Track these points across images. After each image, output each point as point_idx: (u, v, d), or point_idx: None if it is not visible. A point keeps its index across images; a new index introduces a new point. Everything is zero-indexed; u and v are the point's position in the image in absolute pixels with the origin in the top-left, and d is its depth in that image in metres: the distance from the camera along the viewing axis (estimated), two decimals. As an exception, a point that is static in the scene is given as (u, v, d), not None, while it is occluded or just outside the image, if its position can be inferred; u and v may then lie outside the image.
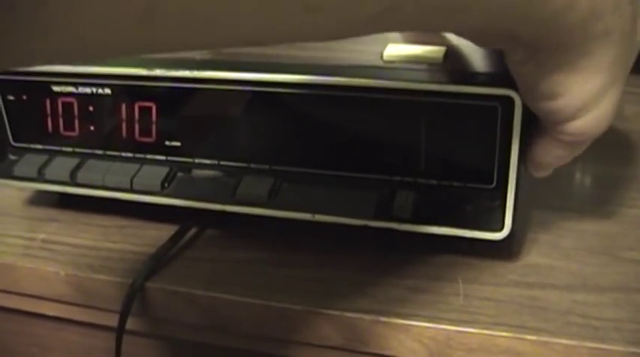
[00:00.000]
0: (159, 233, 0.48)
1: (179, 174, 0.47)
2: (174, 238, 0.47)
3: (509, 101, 0.39)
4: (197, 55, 0.46)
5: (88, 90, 0.46)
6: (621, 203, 0.50)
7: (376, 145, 0.43)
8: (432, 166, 0.43)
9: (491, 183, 0.42)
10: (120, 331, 0.45)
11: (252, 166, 0.46)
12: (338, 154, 0.44)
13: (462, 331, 0.40)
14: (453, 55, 0.43)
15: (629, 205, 0.50)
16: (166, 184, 0.47)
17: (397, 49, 0.43)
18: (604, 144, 0.57)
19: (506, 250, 0.45)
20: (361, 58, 0.43)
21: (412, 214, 0.43)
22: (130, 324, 0.45)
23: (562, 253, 0.45)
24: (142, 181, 0.47)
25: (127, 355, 0.46)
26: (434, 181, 0.43)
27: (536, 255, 0.45)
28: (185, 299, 0.44)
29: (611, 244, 0.46)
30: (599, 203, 0.50)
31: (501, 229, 0.42)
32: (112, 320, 0.45)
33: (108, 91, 0.46)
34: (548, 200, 0.51)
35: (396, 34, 0.46)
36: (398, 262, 0.45)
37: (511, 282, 0.43)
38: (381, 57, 0.42)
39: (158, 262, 0.45)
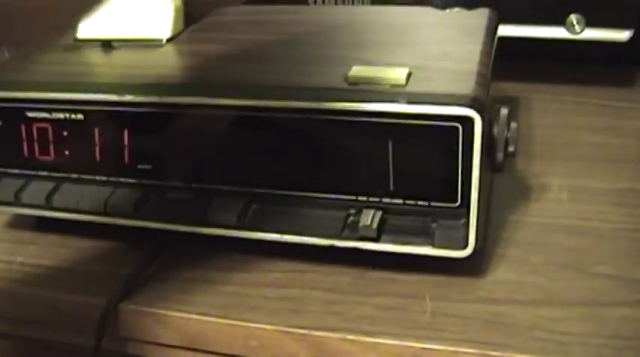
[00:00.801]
0: (133, 254, 0.48)
1: (151, 197, 0.48)
2: (147, 259, 0.48)
3: (470, 121, 0.40)
4: (165, 80, 0.47)
5: (61, 115, 0.47)
6: (591, 218, 0.51)
7: (342, 165, 0.44)
8: (397, 185, 0.43)
9: (455, 202, 0.42)
10: (95, 351, 0.45)
11: (223, 188, 0.46)
12: (305, 176, 0.45)
13: (428, 348, 0.41)
14: (414, 76, 0.43)
15: (600, 219, 0.50)
16: (139, 207, 0.48)
17: (361, 70, 0.43)
18: (575, 157, 0.59)
19: (474, 267, 0.46)
20: (326, 81, 0.44)
21: (378, 234, 0.43)
22: (106, 344, 0.46)
23: (530, 269, 0.46)
24: (115, 204, 0.48)
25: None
26: (399, 201, 0.44)
27: (505, 270, 0.46)
28: (158, 320, 0.45)
29: (580, 258, 0.47)
30: (570, 217, 0.51)
31: (466, 247, 0.43)
32: (88, 340, 0.46)
33: (80, 116, 0.47)
34: (518, 215, 0.51)
35: (363, 55, 0.47)
36: (367, 280, 0.46)
37: (478, 298, 0.44)
38: (345, 79, 0.43)
39: (132, 282, 0.46)
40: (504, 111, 0.44)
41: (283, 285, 0.46)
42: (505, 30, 0.62)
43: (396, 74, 0.42)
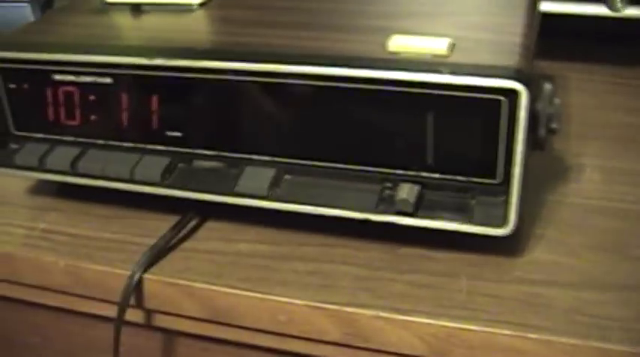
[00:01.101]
0: (159, 224, 0.47)
1: (180, 165, 0.47)
2: (174, 230, 0.46)
3: (514, 94, 0.38)
4: (198, 44, 0.45)
5: (88, 79, 0.46)
6: (628, 200, 0.49)
7: (379, 137, 0.42)
8: (436, 159, 0.42)
9: (496, 178, 0.41)
10: (119, 322, 0.44)
11: (254, 157, 0.45)
12: (340, 147, 0.43)
13: (462, 327, 0.40)
14: (457, 47, 0.42)
15: (637, 201, 0.49)
16: (167, 175, 0.46)
17: (401, 40, 0.42)
18: (612, 138, 0.57)
19: (511, 246, 0.44)
20: (365, 49, 0.42)
21: (415, 208, 0.42)
22: (129, 315, 0.45)
23: (568, 250, 0.45)
24: (142, 172, 0.46)
25: (127, 345, 0.45)
26: (437, 175, 0.42)
27: (542, 251, 0.45)
28: (184, 291, 0.44)
29: (618, 241, 0.45)
30: (608, 199, 0.49)
31: (505, 225, 0.41)
32: (112, 311, 0.45)
33: (109, 80, 0.46)
34: (556, 195, 0.50)
35: (401, 25, 0.46)
36: (400, 257, 0.44)
37: (515, 279, 0.43)
38: (385, 48, 0.42)
39: (157, 253, 0.45)
40: (548, 86, 0.42)
41: (314, 259, 0.45)
42: (546, 6, 0.61)
43: (439, 44, 0.41)
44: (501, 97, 0.39)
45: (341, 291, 0.42)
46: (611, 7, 0.62)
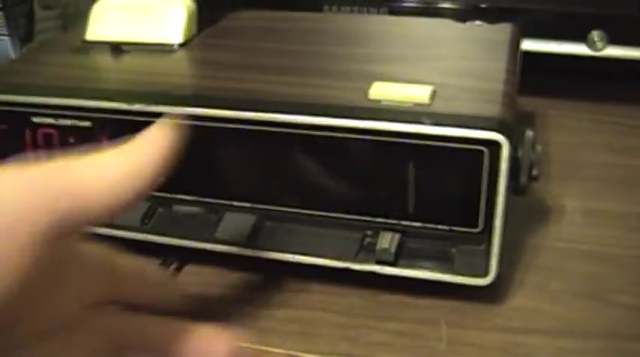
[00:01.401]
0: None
1: (160, 209, 0.46)
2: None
3: (496, 145, 0.38)
4: (177, 89, 0.45)
5: (68, 122, 0.45)
6: (610, 243, 0.49)
7: (360, 185, 0.42)
8: (417, 208, 0.42)
9: (477, 227, 0.41)
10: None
11: (234, 203, 0.45)
12: (321, 194, 0.43)
13: (444, 378, 0.39)
14: (438, 94, 0.42)
15: (618, 244, 0.49)
16: (146, 220, 0.46)
17: (383, 88, 0.42)
18: (593, 178, 0.57)
19: (491, 293, 0.44)
20: (346, 96, 0.42)
21: (395, 257, 0.42)
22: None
23: (549, 296, 0.45)
24: (122, 217, 0.46)
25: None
26: (418, 224, 0.42)
27: (523, 298, 0.45)
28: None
29: (599, 286, 0.45)
30: (588, 242, 0.49)
31: (487, 274, 0.41)
32: None
33: (88, 123, 0.45)
34: (536, 239, 0.50)
35: (383, 69, 0.46)
36: (380, 305, 0.44)
37: (496, 326, 0.42)
38: (367, 96, 0.41)
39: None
40: (530, 133, 0.42)
41: (293, 306, 0.44)
42: (525, 44, 0.61)
43: (420, 92, 0.41)
44: (483, 148, 0.39)
45: (320, 339, 0.42)
46: (591, 47, 0.62)
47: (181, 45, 0.52)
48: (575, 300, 0.44)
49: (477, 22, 0.55)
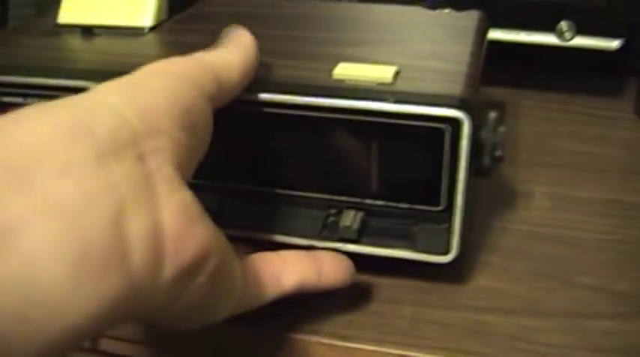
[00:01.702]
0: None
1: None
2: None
3: (457, 123, 0.39)
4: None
5: (36, 101, 0.45)
6: (575, 227, 0.50)
7: (324, 164, 0.42)
8: (380, 186, 0.42)
9: (439, 205, 0.41)
10: None
11: (197, 182, 0.45)
12: (284, 173, 0.43)
13: (406, 354, 0.40)
14: (402, 75, 0.42)
15: (583, 228, 0.50)
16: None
17: (347, 67, 0.42)
18: (561, 165, 0.58)
19: (456, 273, 0.45)
20: (311, 76, 0.42)
21: (358, 235, 0.42)
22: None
23: (512, 277, 0.45)
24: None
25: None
26: (381, 202, 0.42)
27: (487, 278, 0.45)
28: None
29: (563, 268, 0.46)
30: (555, 226, 0.50)
31: (448, 252, 0.42)
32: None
33: (56, 103, 0.45)
34: (503, 222, 0.50)
35: (350, 52, 0.46)
36: (345, 283, 0.44)
37: (459, 305, 0.43)
38: (331, 76, 0.42)
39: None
40: (493, 114, 0.43)
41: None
42: (494, 34, 0.62)
43: (383, 72, 0.41)
44: (444, 126, 0.39)
45: (285, 318, 0.42)
46: (559, 37, 0.63)
47: (152, 29, 0.52)
48: (539, 281, 0.45)
49: (446, 10, 0.56)
